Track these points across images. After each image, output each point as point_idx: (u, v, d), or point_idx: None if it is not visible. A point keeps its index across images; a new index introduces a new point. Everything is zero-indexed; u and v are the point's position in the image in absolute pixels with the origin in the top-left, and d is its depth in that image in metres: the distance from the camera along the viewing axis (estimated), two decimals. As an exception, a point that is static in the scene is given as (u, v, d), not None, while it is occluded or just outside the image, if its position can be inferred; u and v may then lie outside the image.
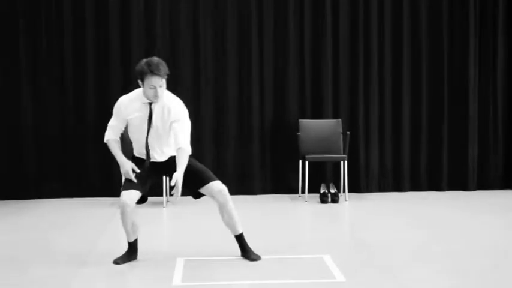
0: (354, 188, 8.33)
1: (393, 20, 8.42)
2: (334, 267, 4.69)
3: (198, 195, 5.04)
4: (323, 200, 7.73)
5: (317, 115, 8.39)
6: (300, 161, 8.07)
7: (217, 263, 4.88)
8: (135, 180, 4.83)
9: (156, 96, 4.81)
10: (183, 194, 4.70)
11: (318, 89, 8.39)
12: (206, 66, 8.25)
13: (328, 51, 8.35)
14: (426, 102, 8.50)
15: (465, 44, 8.44)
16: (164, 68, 4.81)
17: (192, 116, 8.10)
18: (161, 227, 6.70)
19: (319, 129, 8.23)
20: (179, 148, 4.79)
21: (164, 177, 7.36)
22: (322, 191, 7.86)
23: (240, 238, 5.04)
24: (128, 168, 4.86)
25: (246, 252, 5.02)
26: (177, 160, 4.76)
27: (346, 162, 7.92)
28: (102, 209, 7.34)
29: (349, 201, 7.83)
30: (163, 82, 4.82)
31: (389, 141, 8.48)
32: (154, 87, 4.78)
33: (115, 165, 5.26)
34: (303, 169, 8.04)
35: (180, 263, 4.85)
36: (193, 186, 4.95)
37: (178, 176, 4.64)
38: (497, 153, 8.59)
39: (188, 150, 4.83)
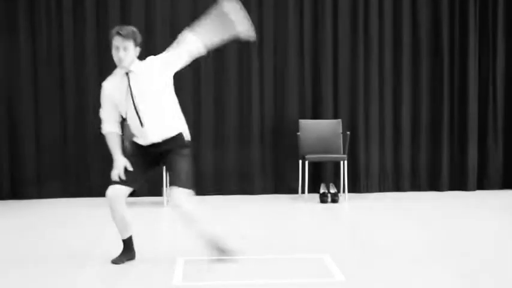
0: (354, 188, 8.34)
1: (393, 20, 8.44)
2: (334, 266, 4.69)
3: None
4: (323, 200, 7.74)
5: (317, 115, 8.40)
6: (300, 161, 8.08)
7: (217, 263, 4.88)
8: (124, 178, 4.67)
9: (120, 59, 4.64)
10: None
11: (318, 89, 8.40)
12: (206, 66, 8.26)
13: (328, 51, 8.36)
14: (426, 103, 8.51)
15: (465, 43, 8.45)
16: (130, 31, 4.62)
17: (192, 116, 8.26)
18: (161, 227, 6.70)
19: (319, 129, 8.23)
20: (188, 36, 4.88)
21: (164, 171, 7.38)
22: (322, 191, 7.86)
23: None
24: (120, 165, 4.68)
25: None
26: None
27: (346, 162, 7.93)
28: (102, 209, 7.30)
29: (349, 201, 7.83)
30: (128, 45, 4.63)
31: (389, 141, 8.49)
32: (118, 48, 4.62)
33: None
34: (303, 169, 8.04)
35: (180, 263, 4.85)
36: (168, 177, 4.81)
37: None
38: (496, 153, 8.59)
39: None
